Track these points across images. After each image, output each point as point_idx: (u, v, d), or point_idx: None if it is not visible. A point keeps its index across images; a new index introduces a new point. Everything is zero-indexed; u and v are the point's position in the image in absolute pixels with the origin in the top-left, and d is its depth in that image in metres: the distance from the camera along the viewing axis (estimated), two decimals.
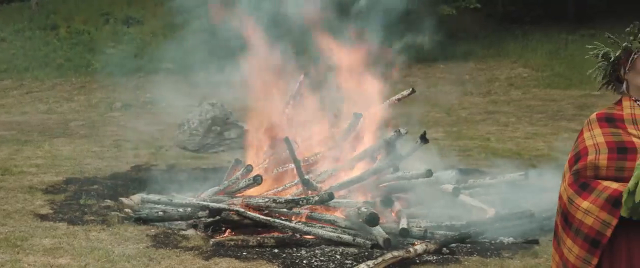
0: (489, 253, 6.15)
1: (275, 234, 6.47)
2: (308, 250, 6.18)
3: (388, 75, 9.75)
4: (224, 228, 6.69)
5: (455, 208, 7.36)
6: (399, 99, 8.14)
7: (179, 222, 6.95)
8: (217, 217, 6.70)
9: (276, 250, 6.16)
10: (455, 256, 6.06)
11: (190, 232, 6.64)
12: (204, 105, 12.08)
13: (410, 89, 8.22)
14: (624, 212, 2.54)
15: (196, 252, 6.03)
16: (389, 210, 6.92)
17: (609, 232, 2.61)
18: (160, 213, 6.98)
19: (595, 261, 2.66)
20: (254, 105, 9.01)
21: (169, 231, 6.65)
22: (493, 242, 6.51)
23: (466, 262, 5.92)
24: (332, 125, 8.16)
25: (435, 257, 6.02)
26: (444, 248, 6.18)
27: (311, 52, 9.27)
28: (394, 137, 7.27)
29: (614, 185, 2.64)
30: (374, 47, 8.74)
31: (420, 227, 6.59)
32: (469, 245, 6.39)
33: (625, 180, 2.58)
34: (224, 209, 6.70)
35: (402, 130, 7.44)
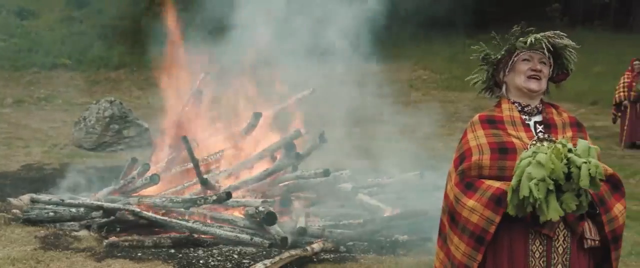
0: (384, 251, 6.28)
1: (172, 234, 6.36)
2: (205, 250, 6.11)
3: (289, 74, 9.81)
4: (118, 229, 6.51)
5: (353, 207, 7.48)
6: (299, 98, 8.17)
7: (71, 222, 6.70)
8: (112, 218, 6.52)
9: (172, 251, 6.06)
10: (352, 254, 6.15)
11: (83, 233, 6.43)
12: (102, 102, 11.72)
13: (311, 89, 8.27)
14: (510, 210, 2.64)
15: (88, 253, 5.84)
16: (287, 209, 6.93)
17: (492, 229, 2.71)
18: (51, 213, 6.71)
19: (479, 257, 2.75)
20: (155, 103, 8.84)
21: (60, 232, 6.41)
22: (389, 239, 6.64)
23: (362, 260, 6.02)
24: (232, 124, 8.11)
25: (332, 255, 6.10)
26: (341, 247, 6.27)
27: (215, 50, 9.20)
28: (293, 137, 7.29)
29: (497, 184, 2.73)
30: (271, 46, 8.78)
31: (318, 225, 6.65)
32: (366, 243, 6.50)
33: (506, 178, 2.69)
34: (119, 209, 6.53)
35: (302, 130, 7.48)
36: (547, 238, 2.71)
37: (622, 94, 12.06)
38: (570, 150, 2.55)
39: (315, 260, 5.97)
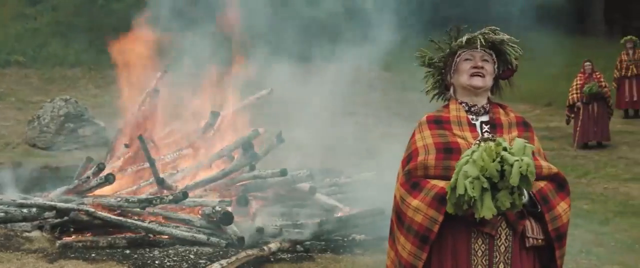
0: (341, 250, 6.31)
1: (128, 234, 6.30)
2: (161, 250, 6.06)
3: (249, 74, 9.77)
4: (72, 229, 6.40)
5: (310, 206, 7.50)
6: (257, 98, 8.16)
7: (23, 223, 6.56)
8: (65, 218, 6.41)
9: (128, 251, 5.99)
10: (309, 254, 6.18)
11: (35, 233, 6.31)
12: (56, 100, 11.51)
13: (269, 89, 8.26)
14: (449, 209, 2.69)
15: (40, 254, 5.74)
16: (244, 209, 6.91)
17: (435, 228, 2.75)
18: (2, 214, 6.57)
19: (424, 256, 2.78)
20: (112, 102, 8.73)
21: (11, 233, 6.27)
22: (346, 239, 6.68)
23: (319, 259, 6.05)
24: (190, 123, 8.06)
25: (289, 255, 6.11)
26: (299, 246, 6.29)
27: (174, 48, 9.12)
28: (251, 136, 7.28)
29: (441, 184, 2.77)
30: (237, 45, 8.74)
31: (275, 225, 6.65)
32: (323, 242, 6.53)
33: (450, 178, 2.71)
34: (73, 209, 6.43)
35: (260, 130, 7.47)
36: (489, 237, 2.75)
37: (575, 95, 12.33)
38: (505, 149, 2.58)
39: (272, 259, 5.98)
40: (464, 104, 2.98)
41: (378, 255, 6.18)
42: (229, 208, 6.35)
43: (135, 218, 6.55)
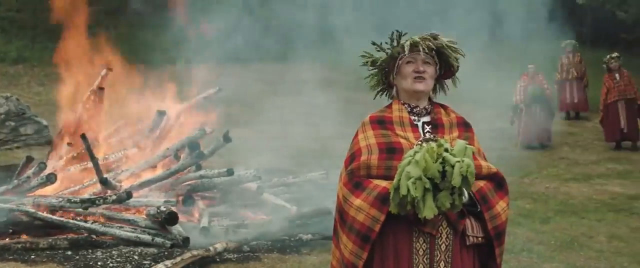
0: (288, 250, 6.31)
1: (69, 235, 6.16)
2: (104, 251, 5.95)
3: (198, 73, 9.67)
4: (11, 231, 6.23)
5: (257, 206, 7.47)
6: (205, 97, 8.08)
7: None
8: (4, 219, 6.23)
9: (69, 252, 5.87)
10: (255, 254, 6.15)
11: None
12: None
13: (217, 88, 8.20)
14: (392, 209, 2.72)
15: None
16: (190, 209, 6.84)
17: (377, 227, 2.78)
18: None
19: (365, 255, 2.81)
20: (55, 100, 8.53)
21: None
22: (293, 239, 6.67)
23: (266, 259, 6.03)
24: (135, 122, 7.93)
25: (235, 255, 6.07)
26: (245, 246, 6.25)
27: (121, 45, 8.98)
28: (197, 136, 7.20)
29: (383, 184, 2.80)
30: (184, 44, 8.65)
31: (221, 225, 6.60)
32: (270, 242, 6.51)
33: (392, 178, 2.74)
34: (12, 210, 6.25)
35: (207, 129, 7.40)
36: (430, 236, 2.80)
37: (518, 97, 12.61)
38: (446, 150, 2.63)
39: (218, 260, 5.93)
40: (406, 105, 3.03)
41: (325, 254, 6.20)
42: (174, 209, 6.27)
43: (78, 218, 6.42)
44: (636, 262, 6.28)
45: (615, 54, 12.68)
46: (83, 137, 6.83)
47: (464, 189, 2.66)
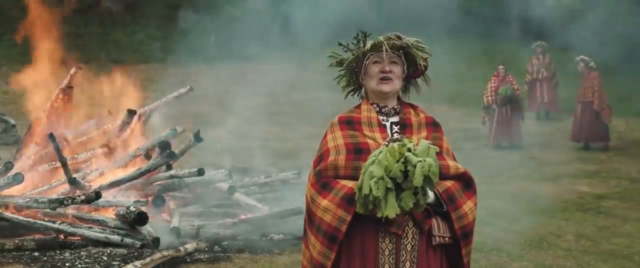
0: (259, 250, 6.29)
1: (37, 236, 6.08)
2: (73, 252, 5.89)
3: (169, 73, 9.61)
4: None
5: (229, 206, 7.44)
6: (176, 97, 8.02)
7: None
8: None
9: (37, 254, 5.80)
10: (226, 254, 6.13)
11: None
12: None
13: (188, 87, 8.14)
14: (358, 209, 2.73)
15: None
16: (161, 209, 6.79)
17: (344, 228, 2.78)
18: None
19: (333, 255, 2.82)
20: (23, 98, 8.40)
21: None
22: (264, 239, 6.66)
23: (237, 259, 6.01)
24: (105, 122, 7.84)
25: (206, 256, 6.04)
26: (216, 247, 6.22)
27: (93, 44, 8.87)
28: (168, 135, 7.15)
29: (350, 184, 2.81)
30: (155, 43, 8.58)
31: (192, 225, 6.56)
32: (241, 242, 6.49)
33: (359, 179, 2.75)
34: None
35: (179, 129, 7.34)
36: (396, 236, 2.81)
37: (489, 98, 12.74)
38: (409, 150, 2.64)
39: (188, 260, 5.90)
40: (375, 105, 3.03)
41: (296, 254, 6.19)
42: (144, 209, 6.21)
43: (46, 219, 6.33)
44: (602, 260, 6.38)
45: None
46: (51, 136, 6.73)
47: (428, 189, 2.68)
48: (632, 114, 14.58)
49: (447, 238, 2.88)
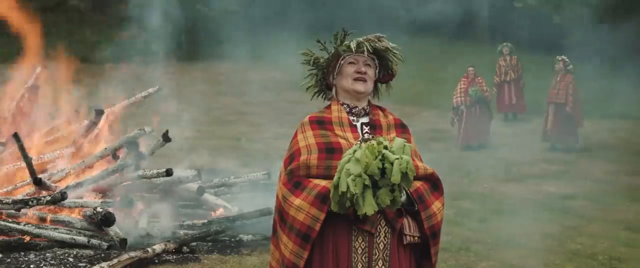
0: (228, 251, 6.28)
1: (1, 238, 5.98)
2: (38, 253, 5.81)
3: (141, 72, 9.51)
4: None
5: (197, 207, 7.39)
6: (145, 97, 7.94)
7: None
8: None
9: (0, 255, 5.70)
10: (195, 255, 6.10)
11: None
12: None
13: (157, 87, 8.07)
14: (333, 207, 2.74)
15: None
16: (128, 210, 6.71)
17: (317, 226, 2.79)
18: None
19: (306, 255, 2.82)
20: None
21: None
22: (233, 239, 6.63)
23: (206, 260, 5.99)
24: (72, 121, 7.73)
25: (174, 257, 6.01)
26: (185, 247, 6.18)
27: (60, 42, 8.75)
28: (136, 135, 7.07)
29: (323, 183, 2.83)
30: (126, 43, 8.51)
31: (160, 226, 6.49)
32: (210, 243, 6.46)
33: (332, 178, 2.76)
34: None
35: (147, 128, 7.27)
36: (369, 234, 2.83)
37: (459, 98, 12.85)
38: (385, 147, 2.66)
39: (156, 261, 5.86)
40: (345, 105, 3.06)
41: (265, 255, 6.18)
42: (111, 209, 6.14)
43: (10, 220, 6.22)
44: (567, 259, 6.48)
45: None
46: (15, 136, 6.61)
47: (403, 186, 2.69)
48: (598, 116, 14.82)
49: (416, 238, 2.91)
